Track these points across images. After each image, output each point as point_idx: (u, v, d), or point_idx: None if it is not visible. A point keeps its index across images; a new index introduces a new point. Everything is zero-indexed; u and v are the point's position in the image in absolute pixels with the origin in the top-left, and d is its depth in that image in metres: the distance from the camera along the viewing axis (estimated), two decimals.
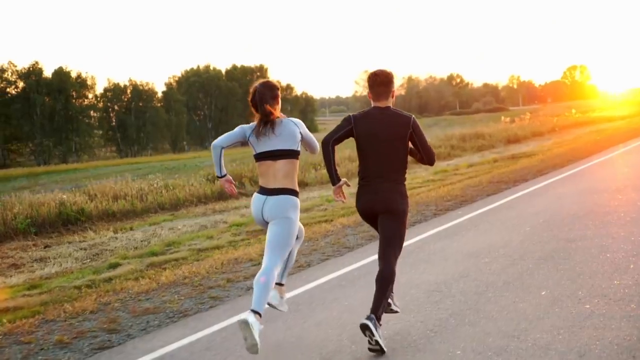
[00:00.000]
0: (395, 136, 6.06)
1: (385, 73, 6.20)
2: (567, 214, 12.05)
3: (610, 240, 9.50)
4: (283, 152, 6.15)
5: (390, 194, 6.05)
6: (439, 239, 10.78)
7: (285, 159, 6.16)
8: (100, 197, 24.28)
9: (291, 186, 6.16)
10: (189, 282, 9.33)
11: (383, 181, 6.06)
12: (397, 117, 6.14)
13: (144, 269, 10.81)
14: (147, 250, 13.11)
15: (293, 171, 6.21)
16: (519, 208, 13.39)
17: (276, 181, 6.13)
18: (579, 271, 8.01)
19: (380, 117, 6.12)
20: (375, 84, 6.17)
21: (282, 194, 6.08)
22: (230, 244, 12.50)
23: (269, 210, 6.06)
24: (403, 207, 6.09)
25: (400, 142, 6.08)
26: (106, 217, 22.54)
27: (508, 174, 20.04)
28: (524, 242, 10.03)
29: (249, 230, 14.17)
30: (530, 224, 11.42)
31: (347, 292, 8.18)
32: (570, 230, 10.57)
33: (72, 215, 21.69)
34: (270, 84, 6.35)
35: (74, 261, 14.20)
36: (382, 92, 6.16)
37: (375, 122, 6.10)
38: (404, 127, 6.08)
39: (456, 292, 7.66)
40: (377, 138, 6.07)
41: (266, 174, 6.19)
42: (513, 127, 48.62)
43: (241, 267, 10.06)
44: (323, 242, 11.64)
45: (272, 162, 6.15)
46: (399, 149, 6.09)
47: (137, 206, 23.64)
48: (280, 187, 6.10)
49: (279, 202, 6.05)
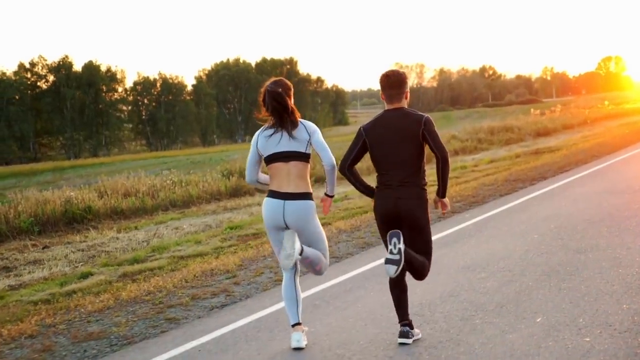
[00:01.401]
0: (407, 136, 5.78)
1: (397, 74, 5.95)
2: (581, 218, 10.98)
3: (625, 252, 8.44)
4: (293, 153, 5.99)
5: (409, 200, 5.79)
6: (437, 248, 9.63)
7: (296, 161, 6.00)
8: (111, 194, 23.63)
9: (307, 189, 6.05)
10: (150, 299, 8.40)
11: (400, 186, 5.81)
12: (408, 116, 5.85)
13: (114, 281, 9.93)
14: (132, 256, 12.28)
15: (306, 173, 6.07)
16: (530, 211, 12.31)
17: (290, 184, 5.99)
18: (584, 291, 6.98)
19: (390, 120, 5.88)
20: (387, 85, 5.92)
21: (301, 199, 5.98)
22: (215, 251, 11.58)
23: (292, 216, 5.96)
24: (423, 213, 5.83)
25: (412, 141, 5.78)
26: (114, 215, 21.92)
27: (527, 171, 18.87)
28: (529, 252, 8.98)
29: (242, 234, 13.26)
30: (539, 231, 10.36)
31: (317, 315, 7.20)
32: (581, 238, 9.51)
33: (77, 213, 20.99)
34: (284, 83, 6.13)
35: (67, 264, 13.50)
36: (395, 95, 5.91)
37: (386, 126, 5.87)
38: (416, 126, 5.78)
39: (440, 316, 6.67)
40: (388, 141, 5.84)
41: (279, 176, 6.02)
42: (543, 120, 47.29)
43: (213, 281, 9.12)
44: (343, 235, 10.73)
45: (284, 164, 6.00)
46: (413, 150, 5.79)
47: (147, 203, 22.91)
48: (298, 192, 5.98)
49: (302, 210, 5.99)
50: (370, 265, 9.28)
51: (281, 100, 5.96)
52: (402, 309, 6.03)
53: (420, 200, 5.81)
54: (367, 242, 10.93)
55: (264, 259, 10.24)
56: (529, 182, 16.38)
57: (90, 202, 21.61)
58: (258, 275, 9.23)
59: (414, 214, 5.80)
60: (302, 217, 5.97)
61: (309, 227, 6.04)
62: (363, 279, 8.54)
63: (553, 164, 20.17)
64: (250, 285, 8.75)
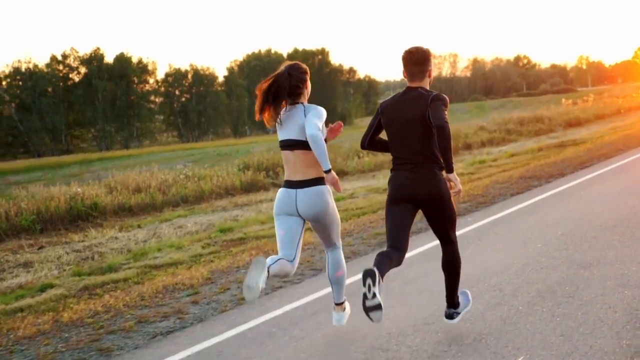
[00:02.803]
0: (415, 117, 5.57)
1: (421, 50, 5.74)
2: (592, 224, 9.85)
3: (635, 267, 7.35)
4: (296, 142, 5.83)
5: (423, 181, 5.58)
6: (426, 260, 8.67)
7: (302, 149, 5.83)
8: (121, 189, 22.88)
9: (317, 175, 5.85)
10: (92, 322, 7.47)
11: (414, 166, 5.60)
12: (421, 96, 5.62)
13: (70, 296, 9.04)
14: (107, 263, 11.42)
15: (315, 161, 5.82)
16: (539, 214, 11.19)
17: (297, 172, 5.86)
18: (581, 319, 5.93)
19: (404, 98, 5.71)
20: (410, 62, 5.73)
21: (310, 186, 5.83)
22: (192, 259, 10.67)
23: (304, 207, 5.83)
24: (441, 188, 5.59)
25: (419, 123, 5.56)
26: (122, 211, 21.28)
27: (545, 167, 17.64)
28: (527, 266, 7.90)
29: (228, 239, 12.32)
30: (545, 239, 9.26)
31: (268, 347, 6.20)
32: (589, 249, 8.41)
33: (82, 210, 20.25)
34: (298, 66, 6.03)
35: (55, 267, 12.76)
36: (417, 72, 5.72)
37: (401, 104, 5.69)
38: (424, 106, 5.55)
39: (406, 352, 5.68)
40: (398, 122, 5.68)
41: (288, 165, 5.93)
42: (575, 110, 45.87)
43: (171, 298, 8.16)
44: None
45: (290, 152, 5.88)
46: (420, 130, 5.57)
47: (157, 199, 22.12)
48: (307, 179, 5.83)
49: (314, 197, 5.83)
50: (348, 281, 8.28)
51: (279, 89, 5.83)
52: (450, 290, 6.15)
53: (436, 178, 5.59)
54: (355, 250, 9.91)
55: (237, 270, 9.28)
56: (545, 180, 15.21)
57: (96, 199, 20.90)
58: (222, 291, 8.26)
59: (431, 192, 5.58)
60: (316, 205, 5.84)
61: (326, 215, 5.92)
62: (328, 299, 7.51)
63: (575, 158, 18.91)
64: (209, 304, 7.77)
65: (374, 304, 5.13)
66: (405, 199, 5.64)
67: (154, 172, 26.59)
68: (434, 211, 5.71)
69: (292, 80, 5.92)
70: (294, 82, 5.93)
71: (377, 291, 5.12)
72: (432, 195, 5.58)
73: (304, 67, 6.06)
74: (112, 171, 33.15)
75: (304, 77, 6.01)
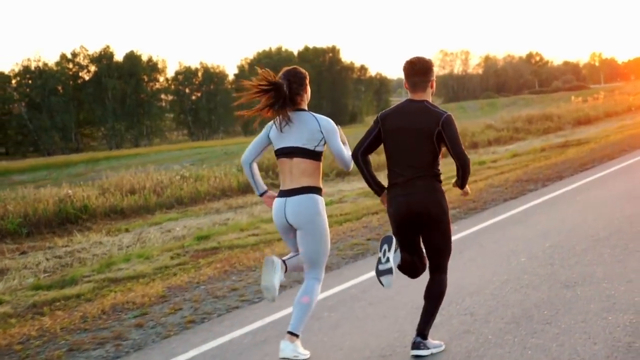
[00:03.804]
0: (420, 133, 5.39)
1: (423, 60, 5.56)
2: (584, 234, 9.12)
3: (623, 287, 6.61)
4: (297, 150, 5.61)
5: (426, 194, 5.40)
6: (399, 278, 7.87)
7: (301, 158, 5.62)
8: (114, 190, 22.29)
9: (312, 184, 5.63)
10: (21, 348, 6.79)
11: (415, 180, 5.41)
12: (428, 112, 5.45)
13: (13, 315, 8.35)
14: (70, 275, 10.80)
15: (311, 170, 5.65)
16: (529, 222, 10.45)
17: (293, 180, 5.62)
18: (555, 353, 5.26)
19: (409, 110, 5.51)
20: (412, 73, 5.53)
21: (301, 194, 5.58)
22: (155, 272, 10.00)
23: (292, 214, 5.57)
24: (442, 207, 5.45)
25: (426, 139, 5.39)
26: (113, 214, 20.70)
27: (545, 169, 16.86)
28: (506, 285, 7.18)
29: (201, 248, 11.65)
30: (531, 251, 8.52)
31: None
32: (576, 264, 7.68)
33: (71, 213, 19.69)
34: (297, 72, 5.76)
35: (33, 275, 12.23)
36: (419, 83, 5.53)
37: (403, 116, 5.50)
38: (433, 125, 5.37)
39: None
40: (401, 134, 5.46)
41: (283, 173, 5.71)
42: (585, 108, 45.00)
43: (116, 320, 7.47)
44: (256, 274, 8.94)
45: (288, 160, 5.66)
46: (426, 149, 5.41)
47: (150, 201, 21.51)
48: (299, 187, 5.59)
49: (301, 204, 5.56)
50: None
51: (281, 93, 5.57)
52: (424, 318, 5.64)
53: (434, 192, 5.43)
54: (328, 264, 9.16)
55: (195, 287, 8.57)
56: (542, 183, 14.42)
57: (87, 201, 20.32)
58: (173, 312, 7.54)
59: (427, 207, 5.40)
60: (301, 211, 5.55)
61: (311, 223, 5.56)
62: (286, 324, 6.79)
63: (576, 160, 18.09)
64: (153, 328, 7.06)
65: (385, 268, 5.25)
66: (407, 218, 5.48)
67: (150, 172, 25.99)
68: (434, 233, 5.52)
69: (292, 88, 5.68)
70: (295, 89, 5.70)
71: (392, 257, 5.24)
72: (427, 210, 5.40)
73: (303, 73, 5.80)
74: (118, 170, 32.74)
75: (304, 82, 5.76)
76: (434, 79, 5.62)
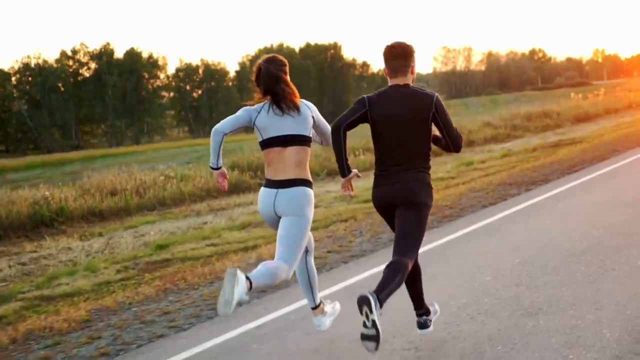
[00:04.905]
0: (415, 117, 5.25)
1: (404, 45, 5.41)
2: (559, 248, 8.28)
3: (592, 316, 5.79)
4: (294, 137, 5.47)
5: (412, 183, 5.24)
6: (344, 299, 7.04)
7: (296, 146, 5.48)
8: (94, 192, 21.54)
9: (304, 176, 5.50)
10: None
11: (403, 169, 5.26)
12: (417, 95, 5.31)
13: None
14: (8, 291, 10.06)
15: (305, 159, 5.55)
16: (503, 234, 9.60)
17: (286, 171, 5.45)
18: None
19: (397, 96, 5.31)
20: (391, 56, 5.37)
21: (295, 186, 5.41)
22: (93, 289, 9.23)
23: (282, 205, 5.41)
24: (425, 199, 5.30)
25: (421, 124, 5.26)
26: (92, 216, 19.96)
27: (532, 170, 15.95)
28: (463, 311, 6.36)
29: (152, 260, 10.88)
30: (497, 269, 7.68)
31: None
32: (545, 285, 6.86)
33: (46, 216, 18.97)
34: (278, 59, 5.61)
35: None
36: (399, 67, 5.36)
37: (392, 102, 5.29)
38: (426, 107, 5.26)
39: None
40: (394, 120, 5.27)
41: (274, 163, 5.50)
42: (584, 104, 44.11)
43: (20, 352, 6.68)
44: (196, 294, 8.12)
45: (282, 149, 5.48)
46: (420, 132, 5.28)
47: (131, 203, 20.76)
48: (293, 178, 5.43)
49: (294, 196, 5.40)
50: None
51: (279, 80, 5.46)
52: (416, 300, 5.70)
53: (422, 182, 5.27)
54: None
55: (126, 309, 7.75)
56: (525, 187, 13.53)
57: (63, 203, 19.60)
58: (89, 342, 6.71)
59: (414, 197, 5.23)
60: (293, 203, 5.40)
61: (297, 216, 5.40)
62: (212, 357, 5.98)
63: (565, 161, 17.17)
64: None
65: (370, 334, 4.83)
66: (391, 203, 5.32)
67: (134, 172, 25.31)
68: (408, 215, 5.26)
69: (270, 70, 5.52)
70: None
71: (377, 319, 4.82)
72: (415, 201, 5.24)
73: (281, 59, 5.65)
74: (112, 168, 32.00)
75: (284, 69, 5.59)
76: (414, 65, 5.41)
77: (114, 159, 54.86)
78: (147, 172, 26.39)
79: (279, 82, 5.46)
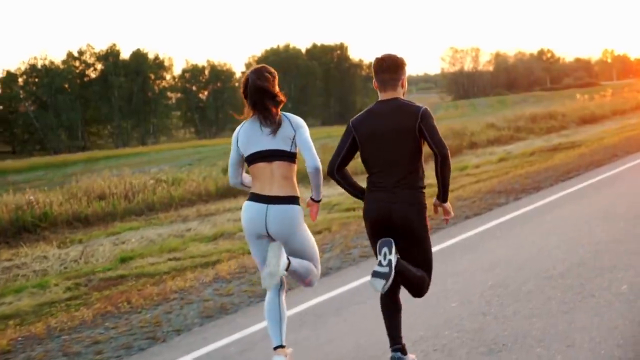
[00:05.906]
0: (401, 130, 5.07)
1: (393, 58, 5.25)
2: (537, 269, 7.59)
3: (560, 357, 5.01)
4: (276, 152, 5.31)
5: (404, 205, 5.03)
6: (299, 327, 6.32)
7: (280, 161, 5.32)
8: (82, 196, 20.95)
9: (293, 192, 5.36)
10: None
11: (394, 188, 5.06)
12: (402, 108, 5.13)
13: None
14: None
15: (291, 173, 5.39)
16: (480, 251, 8.89)
17: (273, 186, 5.29)
18: None
19: (383, 111, 5.17)
20: (380, 70, 5.22)
21: (285, 204, 5.26)
22: (34, 311, 8.58)
23: (275, 224, 5.24)
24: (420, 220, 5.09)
25: (407, 136, 5.06)
26: (77, 221, 19.31)
27: (524, 177, 15.22)
28: (417, 346, 5.69)
29: (107, 276, 10.17)
30: (466, 294, 6.98)
31: None
32: (514, 315, 6.17)
33: (29, 221, 18.39)
34: (265, 70, 5.47)
35: None
36: (388, 80, 5.20)
37: (378, 118, 5.16)
38: (412, 119, 5.06)
39: None
40: (380, 136, 5.11)
41: (261, 178, 5.34)
42: (591, 106, 43.34)
43: None
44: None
45: (267, 164, 5.33)
46: (408, 147, 5.07)
47: (119, 208, 20.14)
48: (282, 195, 5.28)
49: (287, 217, 5.26)
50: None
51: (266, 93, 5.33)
52: (394, 331, 5.26)
53: (418, 205, 5.11)
54: (229, 304, 7.62)
55: (55, 337, 7.03)
56: (514, 196, 12.81)
57: (47, 208, 19.00)
58: None
59: (410, 221, 5.08)
60: (286, 225, 5.28)
61: (296, 236, 5.33)
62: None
63: (561, 166, 16.41)
64: None
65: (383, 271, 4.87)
66: (383, 223, 5.12)
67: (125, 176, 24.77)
68: (408, 241, 5.13)
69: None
70: None
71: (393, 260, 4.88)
72: (409, 224, 5.09)
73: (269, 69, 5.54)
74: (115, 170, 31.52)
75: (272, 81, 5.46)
76: (404, 78, 5.29)
77: (117, 160, 54.64)
78: (138, 175, 25.86)
79: (265, 95, 5.32)
